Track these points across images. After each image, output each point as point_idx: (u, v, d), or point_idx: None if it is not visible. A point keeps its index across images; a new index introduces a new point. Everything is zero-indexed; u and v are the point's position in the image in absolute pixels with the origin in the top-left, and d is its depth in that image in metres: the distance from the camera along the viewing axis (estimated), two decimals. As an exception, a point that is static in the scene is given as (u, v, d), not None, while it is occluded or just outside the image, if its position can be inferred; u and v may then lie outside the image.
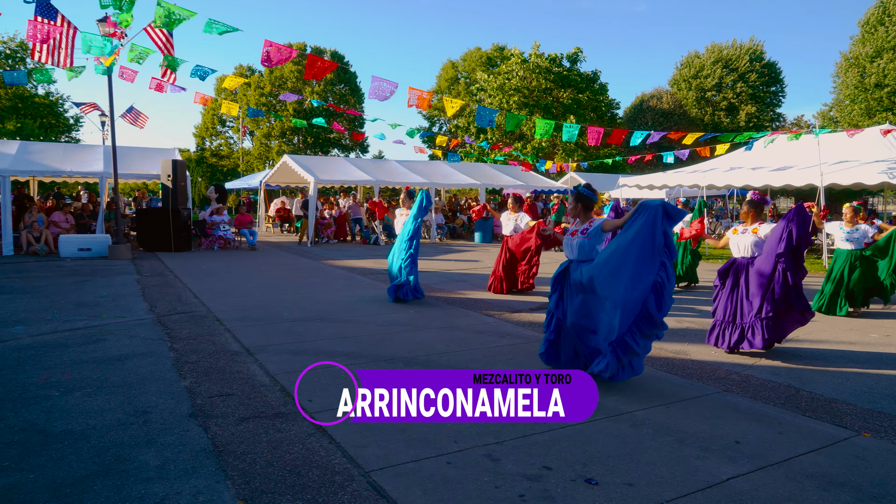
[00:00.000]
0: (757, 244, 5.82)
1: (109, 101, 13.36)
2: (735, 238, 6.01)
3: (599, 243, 4.92)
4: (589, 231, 4.93)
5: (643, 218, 4.52)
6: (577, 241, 4.94)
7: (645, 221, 4.50)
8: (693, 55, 42.53)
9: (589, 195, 5.12)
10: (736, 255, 6.01)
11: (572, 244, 4.98)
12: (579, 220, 5.09)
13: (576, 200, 5.11)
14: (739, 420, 4.03)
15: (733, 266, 5.98)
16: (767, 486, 3.09)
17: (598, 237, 4.91)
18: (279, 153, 40.10)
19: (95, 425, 3.74)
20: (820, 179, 12.80)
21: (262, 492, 2.95)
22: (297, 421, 3.87)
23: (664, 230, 4.48)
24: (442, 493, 2.96)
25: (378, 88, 9.57)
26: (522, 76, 33.06)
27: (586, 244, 4.89)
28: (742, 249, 5.94)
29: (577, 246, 4.94)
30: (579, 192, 5.14)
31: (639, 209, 4.58)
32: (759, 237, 5.81)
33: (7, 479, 3.02)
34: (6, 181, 13.99)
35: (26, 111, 31.56)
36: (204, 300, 8.21)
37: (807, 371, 5.30)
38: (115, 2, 6.90)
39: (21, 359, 5.24)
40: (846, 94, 35.90)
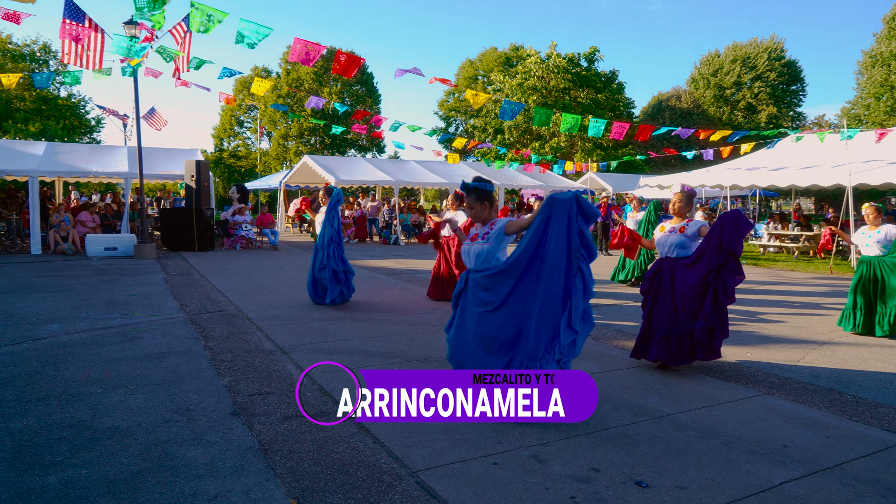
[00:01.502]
0: (681, 244, 5.16)
1: (135, 103, 13.51)
2: (661, 237, 5.34)
3: (500, 249, 4.14)
4: (490, 234, 4.10)
5: (554, 216, 3.81)
6: (476, 247, 4.12)
7: (556, 220, 3.80)
8: (713, 54, 42.19)
9: (481, 187, 4.20)
10: (661, 256, 5.34)
11: (469, 251, 4.16)
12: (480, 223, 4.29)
13: (467, 196, 4.23)
14: (785, 424, 3.97)
15: (659, 269, 5.29)
16: (822, 491, 3.04)
17: (499, 241, 4.11)
18: (297, 154, 40.38)
19: (141, 422, 3.77)
20: (848, 179, 12.61)
21: (313, 490, 2.95)
22: (338, 420, 3.87)
23: (580, 229, 3.80)
24: (493, 494, 2.95)
25: (401, 74, 9.81)
26: (541, 76, 32.95)
27: (485, 251, 4.08)
28: (667, 249, 5.25)
29: (474, 253, 4.12)
30: (468, 186, 4.22)
31: (547, 205, 3.84)
32: (686, 236, 5.16)
33: (61, 474, 3.05)
34: (34, 181, 14.20)
35: (49, 113, 32.05)
36: (233, 299, 8.27)
37: (848, 373, 5.21)
38: (150, 4, 6.98)
39: (60, 356, 5.30)
40: (870, 92, 35.37)
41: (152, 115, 17.22)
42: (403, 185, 20.93)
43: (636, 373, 5.10)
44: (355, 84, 44.02)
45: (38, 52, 33.06)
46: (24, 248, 14.97)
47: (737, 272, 4.86)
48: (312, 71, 41.75)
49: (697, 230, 5.11)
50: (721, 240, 4.79)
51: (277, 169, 40.27)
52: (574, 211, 3.78)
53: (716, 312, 4.93)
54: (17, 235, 15.52)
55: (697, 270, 4.96)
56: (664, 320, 5.09)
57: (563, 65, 33.02)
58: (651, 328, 5.19)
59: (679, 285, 5.05)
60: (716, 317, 4.94)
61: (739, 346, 6.13)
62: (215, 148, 46.92)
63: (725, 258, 4.84)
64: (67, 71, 11.99)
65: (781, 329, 6.99)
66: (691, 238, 5.13)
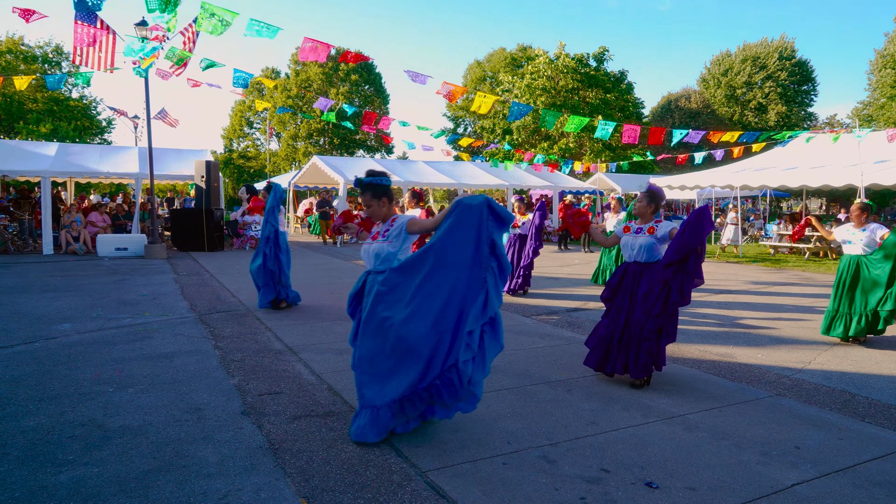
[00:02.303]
0: (650, 247, 4.70)
1: (146, 103, 13.60)
2: (627, 238, 4.86)
3: (402, 249, 3.69)
4: (390, 232, 3.71)
5: (460, 221, 3.40)
6: (375, 246, 3.72)
7: (463, 225, 3.40)
8: (724, 54, 42.01)
9: (377, 182, 3.77)
10: (628, 260, 4.88)
11: (369, 251, 3.75)
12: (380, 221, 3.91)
13: (363, 193, 3.78)
14: (796, 425, 3.93)
15: (624, 275, 4.85)
16: (835, 493, 3.01)
17: (400, 240, 3.68)
18: (306, 154, 40.51)
19: (152, 421, 3.80)
20: (860, 179, 12.49)
21: (323, 490, 2.96)
22: (347, 420, 3.88)
23: (490, 237, 3.41)
24: (502, 494, 2.94)
25: (413, 76, 9.77)
26: (550, 76, 32.89)
27: (384, 250, 3.67)
28: (635, 252, 4.78)
29: (373, 253, 3.71)
30: (361, 181, 3.80)
31: (454, 208, 3.44)
32: (656, 238, 4.70)
33: (73, 472, 3.07)
34: (46, 182, 14.33)
35: (61, 114, 32.35)
36: (242, 299, 8.31)
37: (860, 375, 5.16)
38: (161, 5, 7.03)
39: (72, 355, 5.35)
40: (882, 93, 35.04)
41: (163, 117, 17.36)
42: (412, 186, 20.95)
43: (646, 373, 5.07)
44: (364, 84, 44.11)
45: (51, 54, 33.38)
46: (36, 248, 15.12)
47: (696, 275, 4.41)
48: (321, 72, 41.87)
49: (668, 232, 4.65)
50: (682, 240, 4.34)
51: (287, 170, 40.38)
52: (485, 217, 3.40)
53: (665, 315, 4.53)
54: (30, 236, 15.68)
55: (660, 273, 4.53)
56: (622, 330, 4.68)
57: (572, 65, 32.94)
58: (612, 338, 4.74)
59: (642, 291, 4.61)
60: (665, 319, 4.54)
61: (750, 347, 6.09)
62: (225, 149, 47.13)
63: (686, 257, 4.38)
64: (79, 72, 12.08)
65: (792, 330, 6.94)
66: (661, 240, 4.68)
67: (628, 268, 4.81)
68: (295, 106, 41.35)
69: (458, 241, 3.39)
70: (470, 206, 3.39)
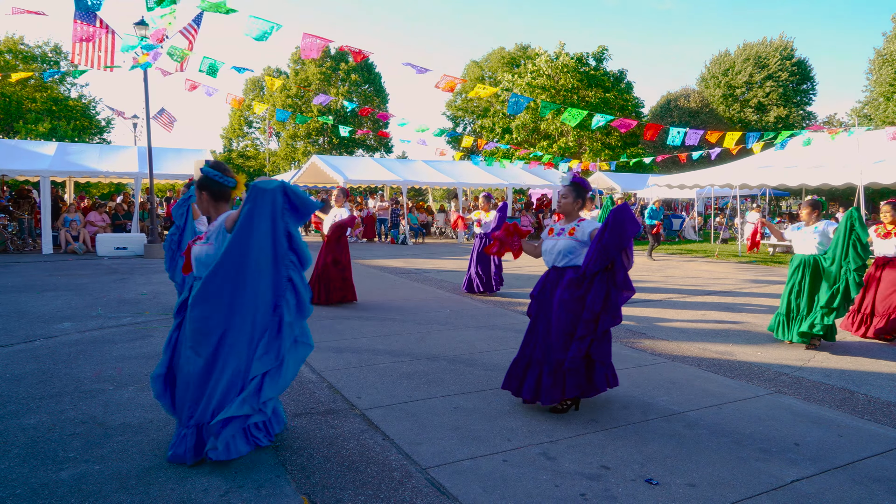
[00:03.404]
0: (570, 250, 4.02)
1: (146, 102, 13.60)
2: (548, 242, 4.18)
3: (222, 249, 3.18)
4: (210, 233, 3.32)
5: (257, 210, 3.03)
6: (196, 249, 3.34)
7: (256, 215, 3.03)
8: (724, 53, 42.06)
9: (216, 178, 3.33)
10: (548, 266, 4.20)
11: (194, 255, 3.37)
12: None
13: (199, 190, 3.37)
14: (796, 422, 3.94)
15: (545, 283, 4.14)
16: (834, 489, 3.02)
17: (220, 240, 3.25)
18: (305, 154, 40.52)
19: (152, 419, 3.80)
20: (859, 178, 12.51)
21: (323, 486, 2.96)
22: (348, 417, 3.89)
23: (287, 229, 3.10)
24: (502, 490, 2.95)
25: (415, 69, 9.81)
26: (549, 75, 32.89)
27: (203, 253, 3.28)
28: (554, 257, 4.10)
29: (194, 257, 3.35)
30: (199, 182, 3.38)
31: (250, 195, 3.06)
32: (577, 240, 4.03)
33: (75, 469, 3.08)
34: (46, 181, 14.32)
35: (60, 113, 32.32)
36: (242, 298, 8.29)
37: (860, 373, 5.17)
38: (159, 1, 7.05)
39: (72, 354, 5.35)
40: (880, 92, 35.07)
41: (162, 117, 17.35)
42: (411, 185, 20.95)
43: (645, 372, 5.09)
44: (363, 84, 44.12)
45: (50, 54, 33.35)
46: (35, 247, 15.12)
47: (625, 287, 3.84)
48: (321, 71, 41.86)
49: (590, 232, 3.97)
50: (602, 244, 3.73)
51: (286, 169, 40.43)
52: (279, 205, 3.04)
53: (594, 336, 3.85)
54: (29, 235, 15.68)
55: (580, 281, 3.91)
56: (540, 346, 3.99)
57: (572, 64, 32.94)
58: (525, 358, 4.09)
59: (557, 300, 3.95)
60: (595, 344, 3.87)
61: (750, 345, 6.11)
62: (224, 148, 47.15)
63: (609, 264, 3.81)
64: (76, 69, 12.09)
65: (792, 328, 6.94)
66: (582, 243, 4.00)
67: (548, 275, 4.13)
68: (294, 105, 41.36)
69: (256, 234, 3.04)
70: (264, 192, 3.02)
